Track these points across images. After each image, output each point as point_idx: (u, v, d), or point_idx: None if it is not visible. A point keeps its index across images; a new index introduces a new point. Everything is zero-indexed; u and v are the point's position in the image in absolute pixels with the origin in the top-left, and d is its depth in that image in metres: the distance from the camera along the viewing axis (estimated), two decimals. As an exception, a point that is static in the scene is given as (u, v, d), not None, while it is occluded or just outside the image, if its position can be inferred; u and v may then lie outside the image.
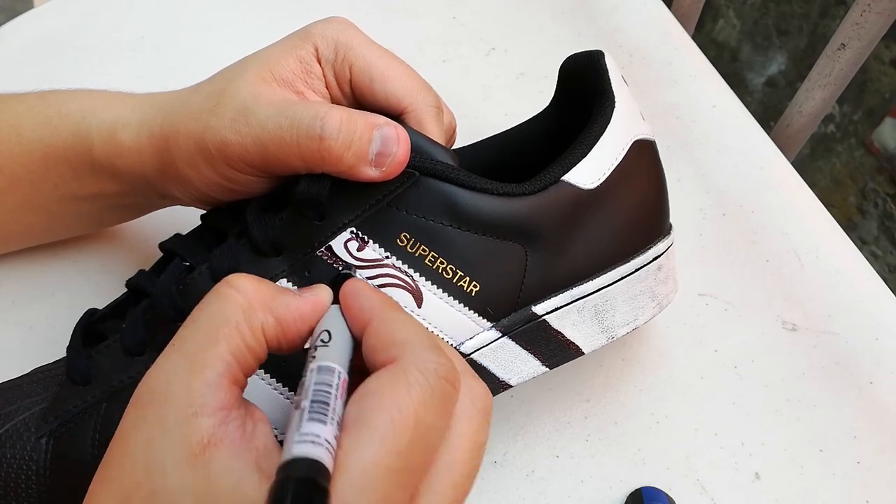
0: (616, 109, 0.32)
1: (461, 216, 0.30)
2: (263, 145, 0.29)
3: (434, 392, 0.22)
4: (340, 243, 0.30)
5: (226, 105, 0.30)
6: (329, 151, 0.28)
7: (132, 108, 0.33)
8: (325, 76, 0.32)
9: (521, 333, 0.32)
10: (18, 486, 0.30)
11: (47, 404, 0.31)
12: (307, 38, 0.32)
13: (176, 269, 0.31)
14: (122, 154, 0.33)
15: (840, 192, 0.90)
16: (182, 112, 0.31)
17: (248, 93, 0.30)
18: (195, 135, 0.30)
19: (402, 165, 0.29)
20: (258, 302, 0.24)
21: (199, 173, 0.31)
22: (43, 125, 0.34)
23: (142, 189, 0.34)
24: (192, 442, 0.21)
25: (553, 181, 0.31)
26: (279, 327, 0.24)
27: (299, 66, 0.31)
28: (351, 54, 0.32)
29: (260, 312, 0.24)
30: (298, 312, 0.25)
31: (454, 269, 0.30)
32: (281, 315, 0.24)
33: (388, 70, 0.32)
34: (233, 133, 0.29)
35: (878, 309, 0.42)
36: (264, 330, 0.24)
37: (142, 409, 0.22)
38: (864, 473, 0.38)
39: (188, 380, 0.22)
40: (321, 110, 0.28)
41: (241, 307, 0.24)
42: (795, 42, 0.89)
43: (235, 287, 0.24)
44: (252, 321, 0.24)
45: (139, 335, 0.31)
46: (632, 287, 0.34)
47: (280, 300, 0.25)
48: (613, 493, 0.37)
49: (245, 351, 0.23)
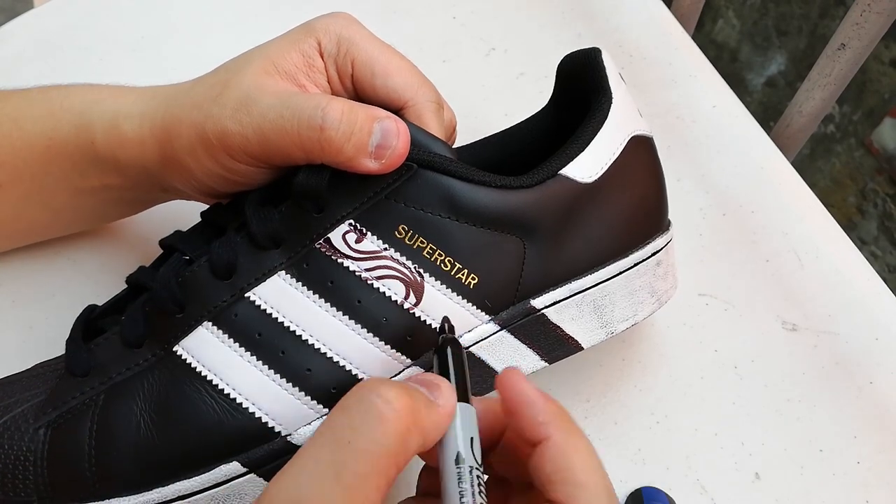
0: (613, 105, 0.32)
1: (459, 208, 0.30)
2: (264, 135, 0.29)
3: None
4: (339, 235, 0.30)
5: (228, 95, 0.30)
6: (329, 142, 0.28)
7: (134, 99, 0.33)
8: (326, 70, 0.32)
9: (519, 327, 0.32)
10: (16, 476, 0.30)
11: (46, 396, 0.31)
12: (310, 32, 0.32)
13: (175, 263, 0.32)
14: (124, 146, 0.33)
15: (840, 193, 0.90)
16: (184, 102, 0.32)
17: (251, 84, 0.30)
18: (197, 124, 0.31)
19: (401, 158, 0.29)
20: (411, 424, 0.23)
21: (200, 163, 0.31)
22: (45, 119, 0.34)
23: (144, 181, 0.34)
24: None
25: (551, 174, 0.31)
26: (424, 445, 0.24)
27: (302, 59, 0.32)
28: (353, 49, 0.32)
29: (415, 437, 0.23)
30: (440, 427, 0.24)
31: (452, 262, 0.30)
32: (428, 434, 0.24)
33: (390, 65, 0.32)
34: (234, 123, 0.30)
35: (878, 309, 0.42)
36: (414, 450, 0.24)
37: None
38: (864, 473, 0.38)
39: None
40: (322, 101, 0.29)
41: (401, 435, 0.23)
42: (795, 42, 0.89)
43: (390, 404, 0.23)
44: (408, 449, 0.23)
45: (138, 328, 0.31)
46: (631, 282, 0.34)
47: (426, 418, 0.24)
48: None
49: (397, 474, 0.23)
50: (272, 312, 0.30)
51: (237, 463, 0.30)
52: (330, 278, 0.30)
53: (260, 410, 0.30)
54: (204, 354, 0.30)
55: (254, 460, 0.30)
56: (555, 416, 0.25)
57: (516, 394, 0.25)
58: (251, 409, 0.30)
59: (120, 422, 0.30)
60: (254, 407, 0.30)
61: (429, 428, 0.24)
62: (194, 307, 0.31)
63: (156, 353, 0.31)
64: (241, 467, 0.30)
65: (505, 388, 0.25)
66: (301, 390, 0.30)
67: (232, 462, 0.30)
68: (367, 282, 0.30)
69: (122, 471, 0.30)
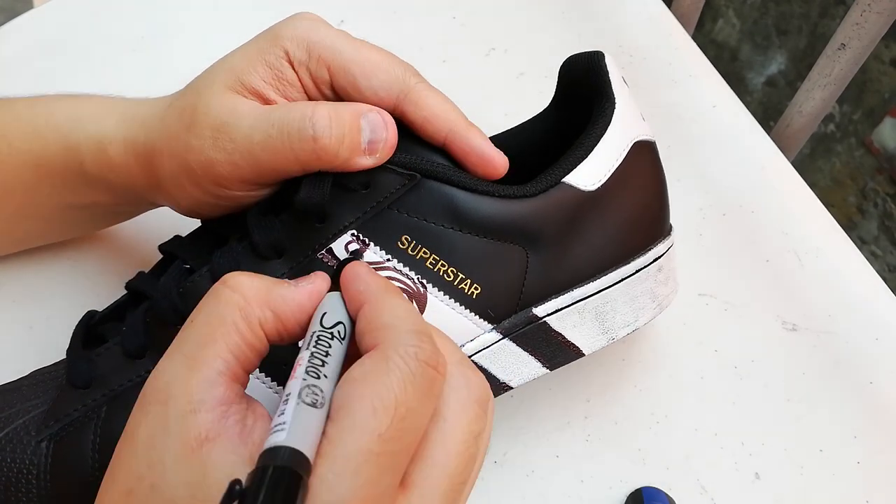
0: (616, 111, 0.32)
1: (462, 218, 0.30)
2: (254, 157, 0.28)
3: (415, 376, 0.22)
4: (341, 245, 0.30)
5: (201, 123, 0.29)
6: (325, 150, 0.28)
7: (116, 122, 0.33)
8: (300, 80, 0.30)
9: (521, 335, 0.32)
10: (19, 489, 0.30)
11: (47, 408, 0.31)
12: (275, 40, 0.30)
13: (176, 272, 0.31)
14: (112, 169, 0.33)
15: (840, 192, 0.90)
16: (160, 130, 0.31)
17: (220, 107, 0.29)
18: (178, 156, 0.30)
19: (393, 148, 0.29)
20: (255, 298, 0.24)
21: (186, 193, 0.31)
22: (33, 137, 0.34)
23: (133, 199, 0.34)
24: (189, 437, 0.21)
25: (554, 183, 0.31)
26: (278, 320, 0.25)
27: (269, 72, 0.30)
28: (326, 53, 0.30)
29: (257, 308, 0.24)
30: (296, 303, 0.25)
31: (455, 272, 0.30)
32: (279, 308, 0.25)
33: (369, 63, 0.30)
34: (218, 152, 0.29)
35: (878, 309, 0.42)
36: (263, 325, 0.24)
37: (145, 408, 0.23)
38: (864, 473, 0.38)
39: (187, 378, 0.22)
40: (307, 110, 0.28)
41: (238, 305, 0.24)
42: (795, 42, 0.89)
43: (231, 286, 0.24)
44: (250, 318, 0.24)
45: (139, 338, 0.31)
46: (632, 288, 0.34)
47: (276, 293, 0.25)
48: (613, 493, 0.37)
49: (244, 347, 0.23)
50: None
51: None
52: None
53: None
54: None
55: None
56: (375, 285, 0.25)
57: (348, 270, 0.26)
58: None
59: None
60: None
61: (278, 304, 0.24)
62: None
63: None
64: None
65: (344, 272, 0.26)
66: None
67: None
68: None
69: None
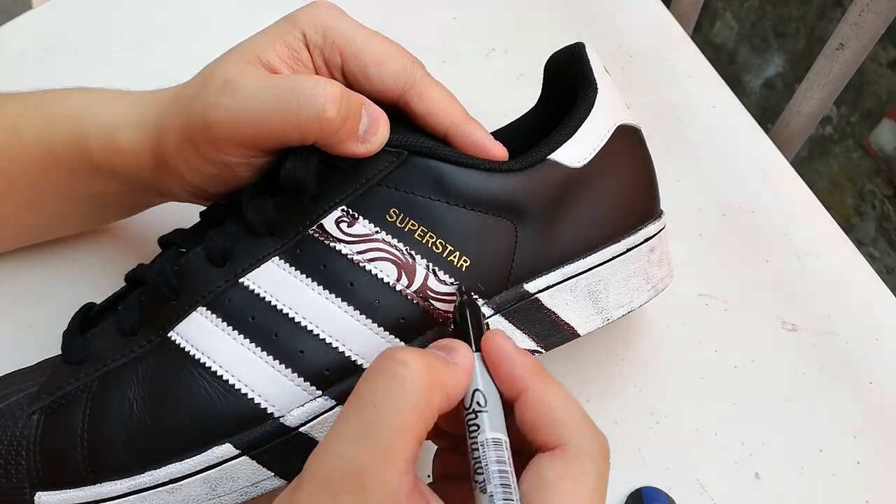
0: (599, 95, 0.33)
1: (449, 190, 0.30)
2: (254, 117, 0.29)
3: (601, 474, 0.24)
4: (332, 221, 0.30)
5: (209, 86, 0.30)
6: (329, 123, 0.29)
7: (127, 107, 0.33)
8: (313, 62, 0.32)
9: (514, 312, 0.32)
10: (9, 462, 0.30)
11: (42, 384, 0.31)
12: (294, 23, 0.32)
13: (171, 253, 0.32)
14: (120, 155, 0.33)
15: (838, 194, 0.90)
16: (172, 106, 0.32)
17: (232, 70, 0.30)
18: (181, 125, 0.31)
19: (382, 145, 0.30)
20: (432, 381, 0.24)
21: (189, 163, 0.31)
22: (42, 127, 0.34)
23: (139, 188, 0.35)
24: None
25: (540, 160, 0.31)
26: (448, 401, 0.25)
27: (286, 51, 0.31)
28: (340, 39, 0.31)
29: (437, 393, 0.24)
30: (460, 383, 0.26)
31: (444, 244, 0.31)
32: (449, 388, 0.25)
33: (379, 52, 0.32)
34: (217, 110, 0.29)
35: (878, 309, 0.42)
36: (439, 407, 0.25)
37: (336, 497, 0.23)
38: (864, 473, 0.38)
39: (382, 468, 0.23)
40: (321, 81, 0.29)
41: (422, 391, 0.24)
42: (793, 44, 0.89)
43: (407, 366, 0.24)
44: (432, 403, 0.24)
45: (134, 316, 0.31)
46: (625, 268, 0.34)
47: (444, 374, 0.25)
48: (613, 493, 0.37)
49: (425, 432, 0.24)
50: (265, 296, 0.30)
51: (230, 445, 0.30)
52: (323, 262, 0.30)
53: (253, 392, 0.30)
54: (198, 339, 0.30)
55: (246, 442, 0.30)
56: (530, 368, 0.26)
57: (496, 349, 0.27)
58: (244, 391, 0.30)
59: (112, 406, 0.30)
60: (247, 389, 0.30)
61: (449, 385, 0.25)
62: (189, 293, 0.31)
63: (151, 340, 0.31)
64: (234, 449, 0.30)
65: (486, 346, 0.27)
66: (294, 372, 0.30)
67: (224, 444, 0.30)
68: (358, 264, 0.30)
69: (114, 454, 0.30)
